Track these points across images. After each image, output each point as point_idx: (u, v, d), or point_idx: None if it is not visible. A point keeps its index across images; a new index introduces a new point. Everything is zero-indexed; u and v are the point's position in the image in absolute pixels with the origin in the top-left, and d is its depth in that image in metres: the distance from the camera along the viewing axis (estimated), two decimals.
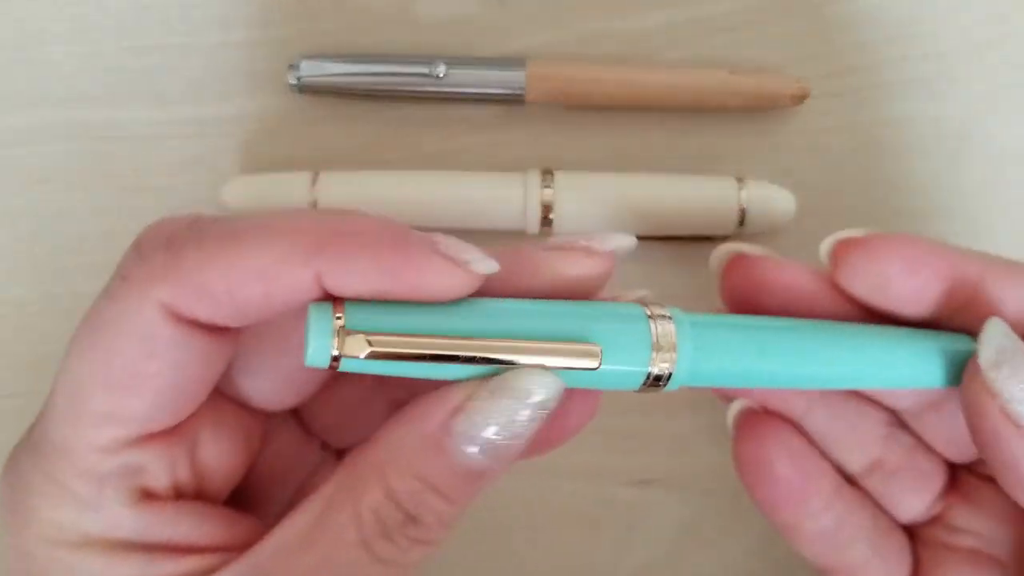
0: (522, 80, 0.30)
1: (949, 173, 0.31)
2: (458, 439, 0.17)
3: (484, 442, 0.18)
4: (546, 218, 0.29)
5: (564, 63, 0.30)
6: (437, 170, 0.30)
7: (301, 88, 0.30)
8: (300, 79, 0.30)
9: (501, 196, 0.29)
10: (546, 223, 0.29)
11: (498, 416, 0.17)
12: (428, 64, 0.30)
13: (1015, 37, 0.31)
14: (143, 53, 0.31)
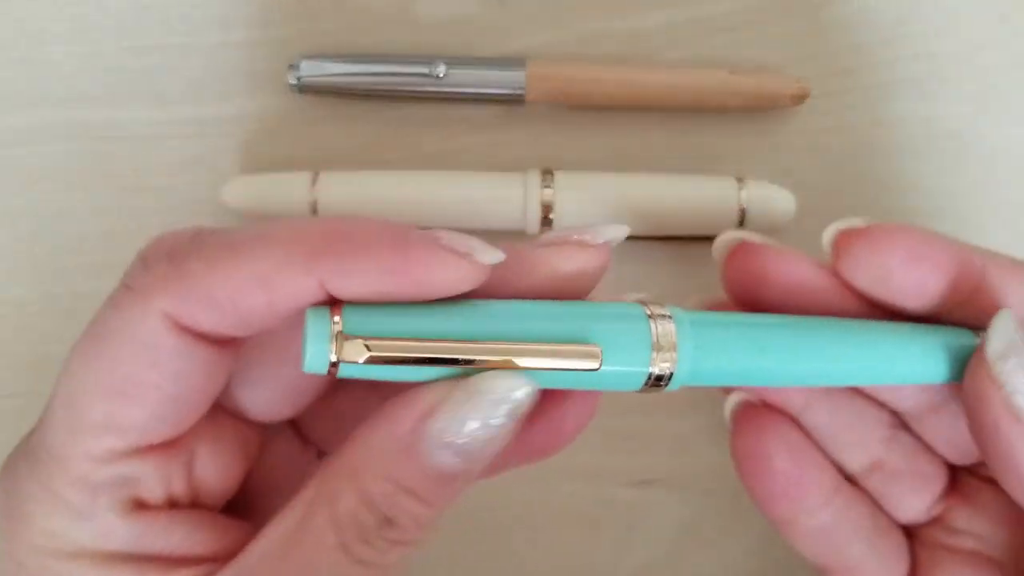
0: (522, 80, 0.30)
1: (949, 173, 0.31)
2: (430, 442, 0.17)
3: (456, 445, 0.17)
4: (546, 218, 0.29)
5: (564, 63, 0.30)
6: (437, 170, 0.30)
7: (301, 88, 0.30)
8: (300, 79, 0.30)
9: (501, 196, 0.29)
10: (546, 223, 0.29)
11: (469, 419, 0.17)
12: (428, 64, 0.30)
13: (1014, 37, 0.31)
14: (143, 53, 0.31)
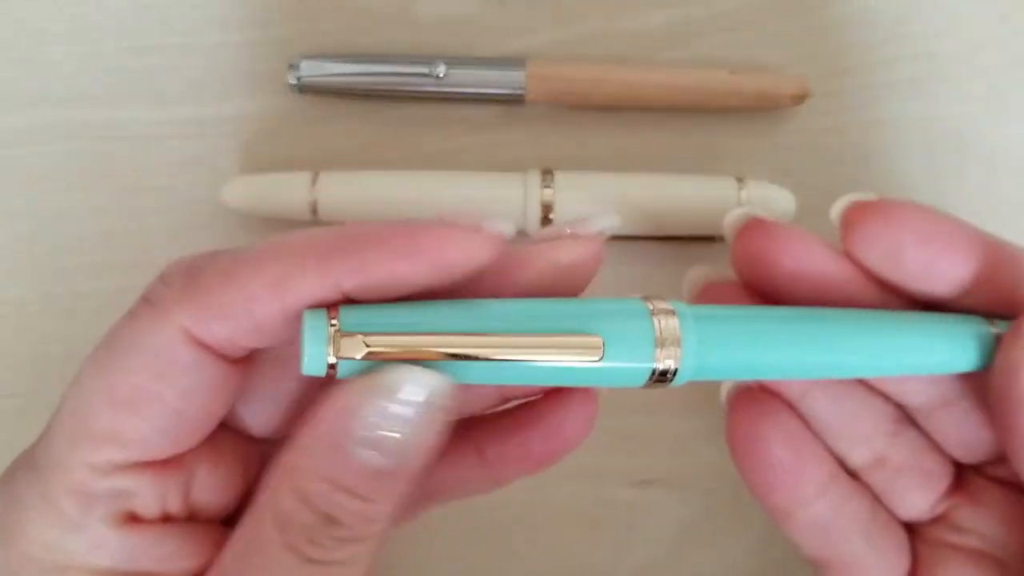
0: (522, 80, 0.30)
1: (949, 173, 0.31)
2: (352, 440, 0.17)
3: (375, 442, 0.17)
4: (546, 218, 0.29)
5: (564, 63, 0.30)
6: (437, 170, 0.30)
7: (301, 88, 0.30)
8: (300, 79, 0.30)
9: (501, 196, 0.29)
10: (546, 223, 0.29)
11: (378, 415, 0.17)
12: (428, 64, 0.30)
13: (1014, 37, 0.31)
14: (143, 53, 0.31)
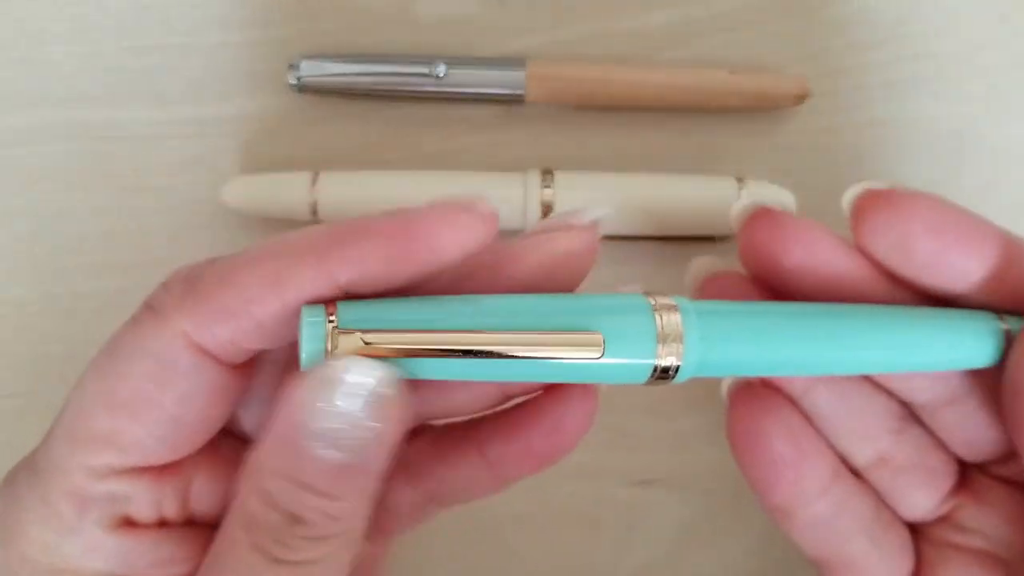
0: (522, 80, 0.30)
1: (950, 173, 0.31)
2: (306, 436, 0.16)
3: (327, 437, 0.16)
4: (546, 218, 0.29)
5: (564, 63, 0.30)
6: (437, 170, 0.30)
7: (301, 88, 0.30)
8: (300, 79, 0.30)
9: (501, 196, 0.29)
10: None
11: (325, 409, 0.16)
12: (428, 64, 0.30)
13: (1014, 37, 0.31)
14: (143, 53, 0.31)
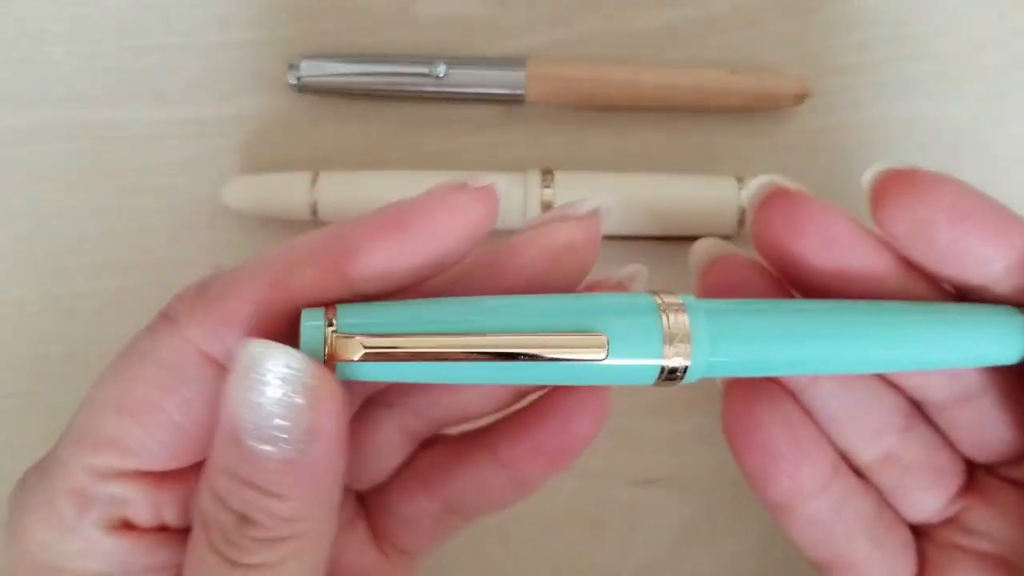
0: (522, 80, 0.30)
1: (950, 173, 0.31)
2: (243, 430, 0.16)
3: (261, 430, 0.16)
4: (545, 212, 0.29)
5: (564, 63, 0.30)
6: (437, 170, 0.30)
7: (301, 88, 0.30)
8: (300, 79, 0.30)
9: (501, 196, 0.29)
10: None
11: (252, 400, 0.16)
12: (428, 64, 0.30)
13: (1014, 37, 0.31)
14: (143, 53, 0.31)
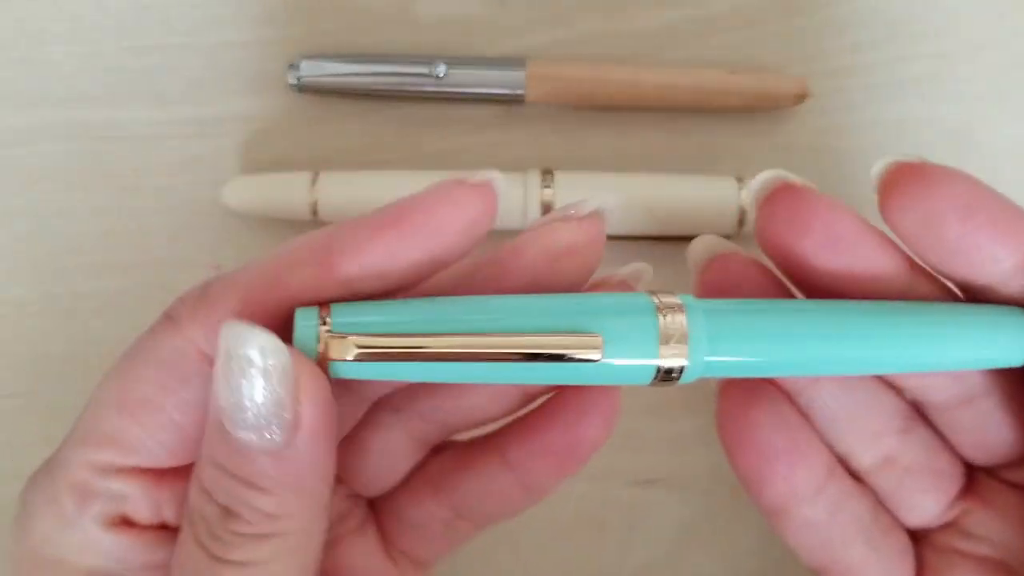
0: (522, 80, 0.30)
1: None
2: (225, 417, 0.16)
3: (242, 418, 0.16)
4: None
5: (564, 63, 0.30)
6: (437, 170, 0.30)
7: (301, 88, 0.30)
8: (300, 79, 0.30)
9: (501, 191, 0.29)
10: None
11: (230, 386, 0.16)
12: (428, 64, 0.30)
13: (1014, 37, 0.31)
14: (143, 53, 0.31)
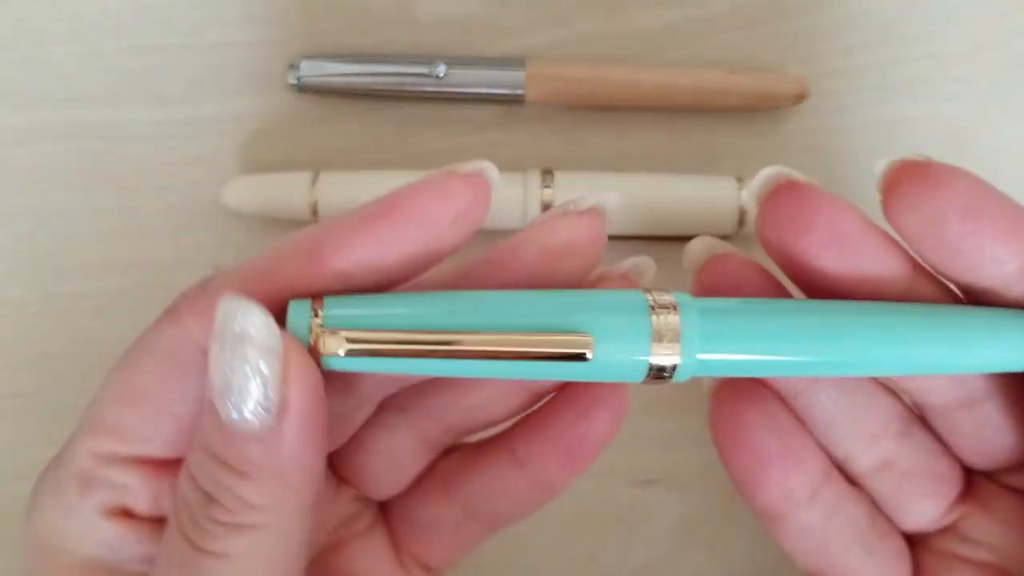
0: (522, 80, 0.30)
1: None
2: (213, 392, 0.16)
3: (229, 394, 0.16)
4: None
5: (564, 63, 0.30)
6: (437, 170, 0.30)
7: (301, 88, 0.30)
8: (300, 79, 0.30)
9: (501, 196, 0.28)
10: None
11: (220, 360, 0.16)
12: (428, 64, 0.30)
13: (1014, 37, 0.31)
14: (143, 53, 0.31)
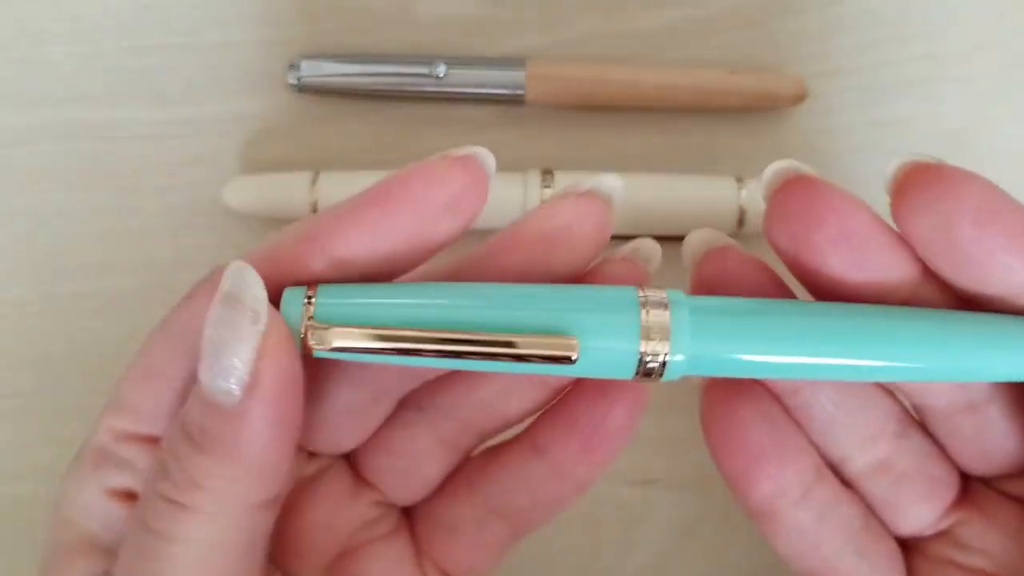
0: (522, 80, 0.30)
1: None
2: (201, 363, 0.16)
3: (220, 366, 0.15)
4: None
5: (564, 63, 0.30)
6: None
7: (301, 88, 0.30)
8: (300, 79, 0.30)
9: (501, 196, 0.29)
10: None
11: (217, 325, 0.15)
12: (428, 64, 0.30)
13: (1014, 37, 0.31)
14: (143, 53, 0.31)
